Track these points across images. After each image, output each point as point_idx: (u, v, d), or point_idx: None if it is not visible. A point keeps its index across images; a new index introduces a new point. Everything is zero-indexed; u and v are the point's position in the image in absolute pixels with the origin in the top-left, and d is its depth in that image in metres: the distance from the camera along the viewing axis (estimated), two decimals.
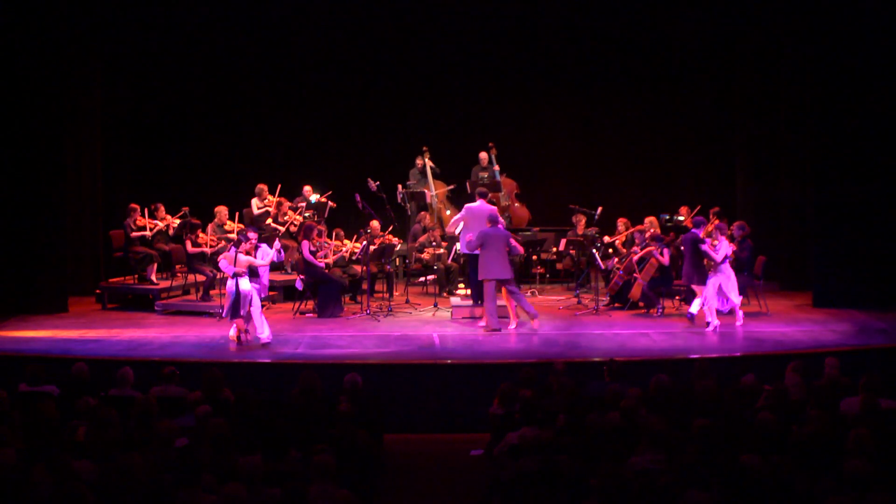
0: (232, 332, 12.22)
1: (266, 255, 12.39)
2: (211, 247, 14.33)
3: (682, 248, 13.22)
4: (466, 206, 13.69)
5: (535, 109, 17.88)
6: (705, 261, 12.89)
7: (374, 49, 17.37)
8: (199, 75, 17.27)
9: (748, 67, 16.47)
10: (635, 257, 13.91)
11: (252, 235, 12.30)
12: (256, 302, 12.15)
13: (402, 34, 17.24)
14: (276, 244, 12.65)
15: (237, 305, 11.95)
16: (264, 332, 12.14)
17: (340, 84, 17.58)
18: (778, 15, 15.47)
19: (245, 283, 12.00)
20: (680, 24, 16.80)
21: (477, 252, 12.95)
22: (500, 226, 13.07)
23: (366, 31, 17.21)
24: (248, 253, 12.13)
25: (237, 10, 16.72)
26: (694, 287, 12.96)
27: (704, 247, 12.83)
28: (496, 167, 16.33)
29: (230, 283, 12.03)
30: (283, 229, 15.20)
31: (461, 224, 13.84)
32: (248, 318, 12.11)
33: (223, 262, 12.17)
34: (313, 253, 13.74)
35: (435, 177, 16.54)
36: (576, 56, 17.49)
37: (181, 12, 16.41)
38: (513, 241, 13.02)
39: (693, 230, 13.06)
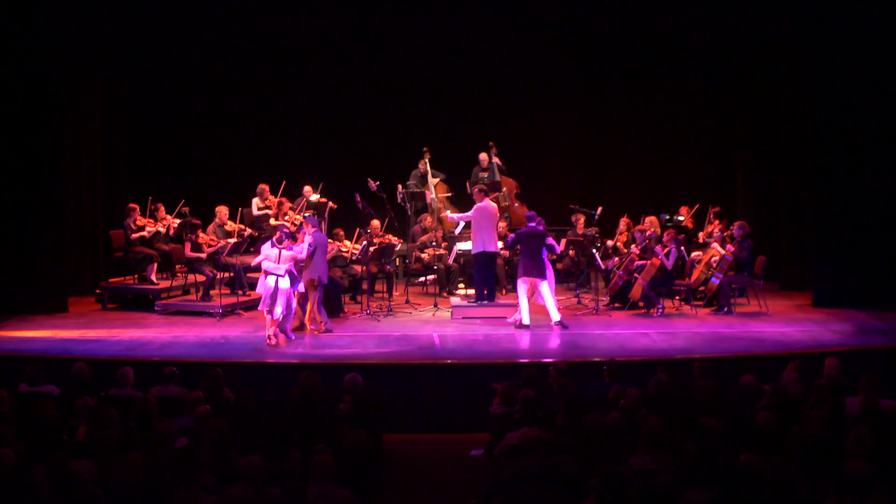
0: (271, 331, 12.22)
1: (301, 250, 12.42)
2: (210, 246, 14.31)
3: (521, 241, 13.09)
4: (477, 206, 13.68)
5: (535, 109, 17.87)
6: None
7: (375, 49, 17.34)
8: (199, 75, 17.25)
9: (748, 67, 16.47)
10: (637, 263, 13.89)
11: (285, 232, 12.39)
12: (293, 302, 12.30)
13: (403, 34, 17.21)
14: (308, 238, 12.69)
15: (274, 301, 12.03)
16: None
17: (341, 84, 17.56)
18: (778, 14, 15.45)
19: (285, 282, 12.08)
20: (680, 24, 16.77)
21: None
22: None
23: (366, 31, 17.19)
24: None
25: (238, 11, 16.68)
26: (526, 280, 12.92)
27: (551, 240, 13.10)
28: (496, 159, 16.25)
29: (269, 280, 12.04)
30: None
31: (461, 224, 13.86)
32: (285, 317, 12.19)
33: (267, 262, 12.16)
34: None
35: (438, 180, 16.56)
36: (576, 56, 17.46)
37: (182, 12, 16.37)
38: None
39: (532, 224, 13.07)
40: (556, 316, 12.96)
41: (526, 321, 12.95)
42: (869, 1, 13.89)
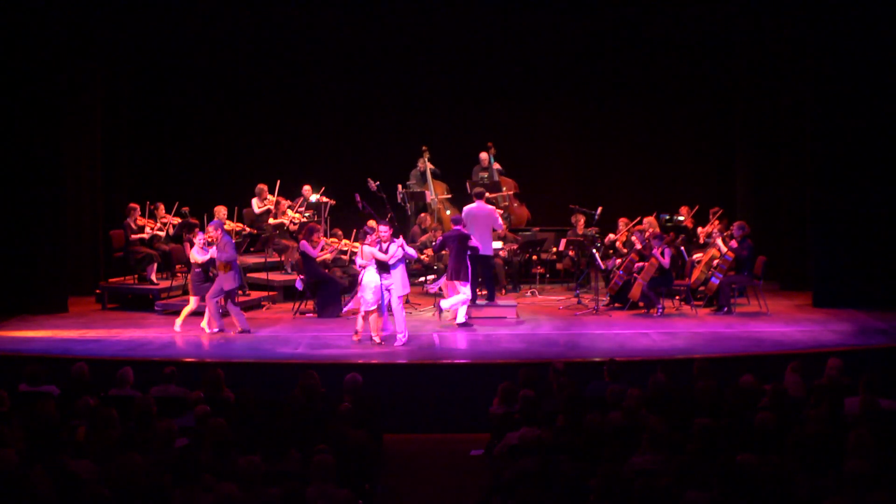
0: (374, 332, 12.24)
1: (398, 252, 12.38)
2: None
3: (447, 244, 13.16)
4: (465, 208, 13.74)
5: (534, 110, 17.88)
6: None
7: (375, 49, 17.34)
8: (199, 75, 17.28)
9: (748, 68, 16.47)
10: (637, 264, 13.88)
11: (384, 229, 12.29)
12: (386, 301, 12.21)
13: (403, 34, 17.21)
14: (404, 245, 12.60)
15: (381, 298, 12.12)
16: (399, 328, 12.33)
17: (341, 84, 17.57)
18: (778, 15, 15.45)
19: (370, 275, 12.08)
20: (680, 25, 16.77)
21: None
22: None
23: (366, 32, 17.18)
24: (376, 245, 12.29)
25: (238, 11, 16.69)
26: (457, 283, 13.04)
27: (474, 242, 13.15)
28: (496, 166, 16.32)
29: (373, 279, 12.03)
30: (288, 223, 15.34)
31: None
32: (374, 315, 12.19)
33: (373, 256, 12.15)
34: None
35: (435, 178, 16.54)
36: (576, 56, 17.45)
37: (182, 13, 16.38)
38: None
39: (457, 227, 13.13)
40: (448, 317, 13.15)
41: (461, 319, 13.05)
42: (869, 1, 13.89)
